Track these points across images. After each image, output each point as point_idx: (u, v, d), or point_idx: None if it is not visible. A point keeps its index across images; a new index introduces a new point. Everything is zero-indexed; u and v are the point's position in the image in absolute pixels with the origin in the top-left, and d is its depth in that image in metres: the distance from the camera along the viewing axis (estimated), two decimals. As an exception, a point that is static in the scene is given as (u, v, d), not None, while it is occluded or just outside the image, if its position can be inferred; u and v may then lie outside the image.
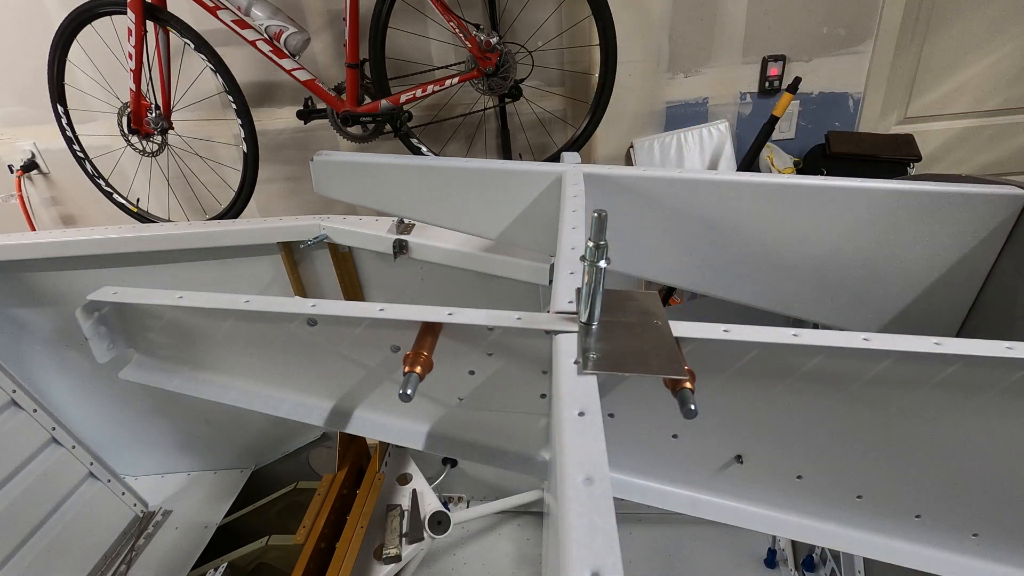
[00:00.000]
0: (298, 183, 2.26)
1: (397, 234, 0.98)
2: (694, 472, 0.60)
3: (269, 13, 1.67)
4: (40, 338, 1.20)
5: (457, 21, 1.67)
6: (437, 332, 0.48)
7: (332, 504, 1.06)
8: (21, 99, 2.16)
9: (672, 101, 2.00)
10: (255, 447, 1.37)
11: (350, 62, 1.73)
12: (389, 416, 0.61)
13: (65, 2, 1.84)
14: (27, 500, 1.03)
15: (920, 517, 0.56)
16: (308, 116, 1.88)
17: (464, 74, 1.75)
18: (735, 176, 0.86)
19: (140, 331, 0.62)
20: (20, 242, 1.05)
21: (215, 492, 1.33)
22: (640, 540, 1.30)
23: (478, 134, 2.08)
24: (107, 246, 1.04)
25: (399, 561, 0.98)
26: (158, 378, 0.64)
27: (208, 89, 2.00)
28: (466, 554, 1.33)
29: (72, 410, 1.27)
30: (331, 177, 0.64)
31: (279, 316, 0.54)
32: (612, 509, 0.20)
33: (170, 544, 1.21)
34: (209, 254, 1.06)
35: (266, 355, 0.59)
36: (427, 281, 1.04)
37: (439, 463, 1.32)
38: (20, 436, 1.05)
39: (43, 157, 2.30)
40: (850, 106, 1.95)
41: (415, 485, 1.10)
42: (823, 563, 1.09)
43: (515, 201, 0.70)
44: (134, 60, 1.70)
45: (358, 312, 0.51)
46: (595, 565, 0.18)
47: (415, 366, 0.44)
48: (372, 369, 0.57)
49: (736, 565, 1.23)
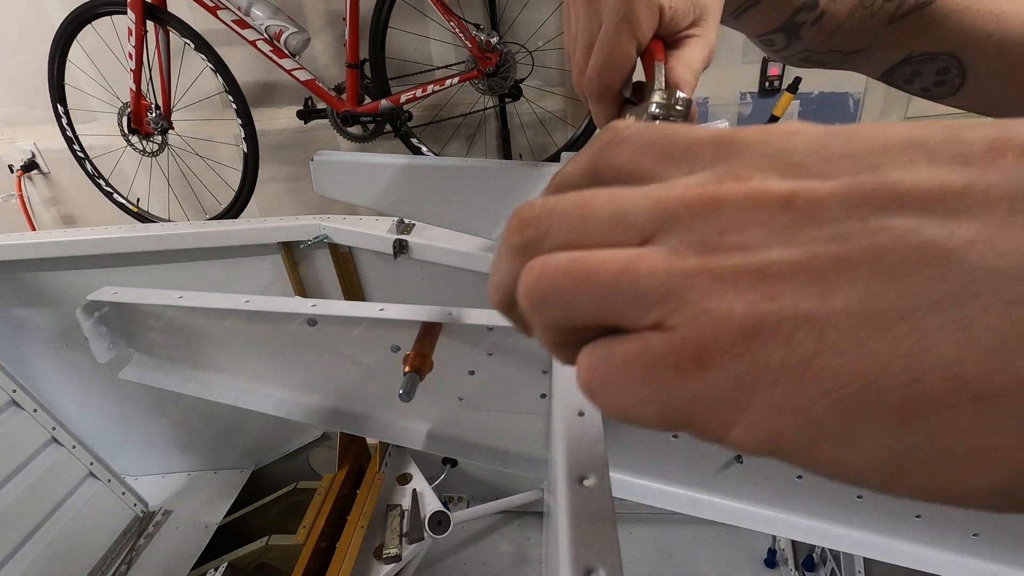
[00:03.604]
0: (298, 183, 2.26)
1: (397, 234, 0.98)
2: (694, 472, 0.60)
3: (269, 13, 1.67)
4: (40, 338, 1.20)
5: (457, 21, 1.67)
6: (437, 332, 0.48)
7: (332, 504, 1.06)
8: (21, 99, 2.16)
9: (672, 101, 2.00)
10: (255, 447, 1.37)
11: (350, 62, 1.73)
12: (389, 416, 0.61)
13: (65, 2, 1.84)
14: (27, 500, 1.03)
15: (920, 517, 0.56)
16: (308, 116, 1.88)
17: (464, 74, 1.75)
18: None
19: (140, 331, 0.62)
20: (20, 242, 1.05)
21: (215, 492, 1.33)
22: (640, 540, 1.30)
23: (478, 134, 2.08)
24: (107, 246, 1.04)
25: (399, 561, 0.98)
26: (158, 378, 0.64)
27: (208, 89, 2.00)
28: (466, 554, 1.33)
29: (72, 410, 1.27)
30: (331, 177, 0.64)
31: (279, 316, 0.54)
32: (613, 509, 0.19)
33: (170, 544, 1.21)
34: (209, 254, 1.06)
35: (266, 355, 0.59)
36: (427, 281, 1.04)
37: (439, 463, 1.32)
38: (20, 436, 1.05)
39: (43, 157, 2.30)
40: (850, 106, 1.95)
41: (415, 485, 1.10)
42: (823, 563, 1.09)
43: (515, 201, 0.70)
44: (134, 60, 1.70)
45: (358, 312, 0.51)
46: (596, 565, 0.18)
47: (415, 366, 0.44)
48: (372, 369, 0.57)
49: (736, 565, 1.23)
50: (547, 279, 0.15)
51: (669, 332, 0.13)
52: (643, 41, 0.33)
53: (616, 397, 0.14)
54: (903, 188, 0.12)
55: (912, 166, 0.13)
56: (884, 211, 0.12)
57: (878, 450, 0.12)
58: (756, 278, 0.13)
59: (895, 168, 0.13)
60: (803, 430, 0.12)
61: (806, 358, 0.12)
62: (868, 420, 0.12)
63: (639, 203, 0.15)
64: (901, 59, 0.42)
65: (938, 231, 0.12)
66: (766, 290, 0.13)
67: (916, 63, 0.41)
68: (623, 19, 0.32)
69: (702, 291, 0.13)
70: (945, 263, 0.11)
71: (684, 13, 0.33)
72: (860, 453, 0.12)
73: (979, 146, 0.12)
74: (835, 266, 0.12)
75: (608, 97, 0.35)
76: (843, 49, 0.42)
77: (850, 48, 0.42)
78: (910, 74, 0.42)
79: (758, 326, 0.12)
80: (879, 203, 0.12)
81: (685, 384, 0.13)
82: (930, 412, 0.11)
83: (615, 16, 0.32)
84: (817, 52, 0.42)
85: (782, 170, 0.14)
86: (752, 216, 0.13)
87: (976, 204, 0.12)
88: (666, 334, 0.13)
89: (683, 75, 0.33)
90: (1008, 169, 0.12)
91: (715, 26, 0.35)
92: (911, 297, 0.11)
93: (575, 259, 0.15)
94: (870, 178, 0.13)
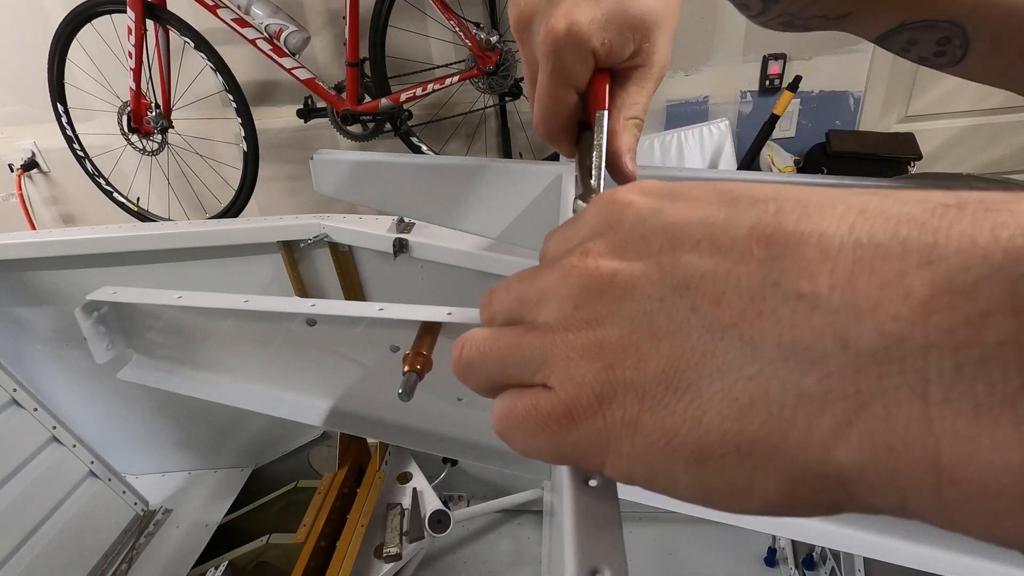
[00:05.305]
0: (298, 182, 2.26)
1: (397, 233, 0.98)
2: (694, 471, 0.60)
3: (269, 12, 1.67)
4: (40, 337, 1.20)
5: (457, 20, 1.67)
6: (437, 332, 0.48)
7: (332, 503, 1.06)
8: (21, 98, 2.16)
9: (672, 100, 2.00)
10: (255, 446, 1.37)
11: (350, 61, 1.73)
12: (388, 416, 0.61)
13: (65, 1, 1.83)
14: (28, 499, 1.03)
15: (921, 516, 0.56)
16: (308, 115, 1.88)
17: (464, 73, 1.75)
18: (736, 175, 0.86)
19: (139, 331, 0.62)
20: (20, 241, 1.05)
21: (215, 491, 1.33)
22: (640, 539, 1.30)
23: (478, 133, 2.08)
24: (107, 245, 1.04)
25: (399, 559, 0.98)
26: (157, 378, 0.64)
27: (208, 88, 2.00)
28: (466, 553, 1.33)
29: (73, 409, 1.27)
30: (331, 176, 0.64)
31: (278, 316, 0.54)
32: (618, 509, 0.20)
33: (171, 543, 1.21)
34: (209, 253, 1.06)
35: (266, 355, 0.59)
36: (427, 280, 1.04)
37: (439, 462, 1.32)
38: (21, 435, 1.05)
39: (43, 156, 2.30)
40: (851, 104, 1.95)
41: (415, 484, 1.10)
42: (823, 562, 1.09)
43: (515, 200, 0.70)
44: (134, 59, 1.70)
45: (357, 312, 0.51)
46: (601, 566, 0.18)
47: (414, 366, 0.44)
48: (371, 369, 0.57)
49: (736, 563, 1.23)
50: (465, 356, 0.20)
51: (551, 391, 0.17)
52: (580, 87, 0.33)
53: (520, 442, 0.18)
54: (688, 273, 0.16)
55: (696, 250, 0.16)
56: (675, 292, 0.16)
57: (689, 484, 0.15)
58: (597, 349, 0.16)
59: (685, 251, 0.16)
60: (643, 470, 0.16)
61: (634, 417, 0.16)
62: (678, 464, 0.15)
63: (530, 286, 0.19)
64: (894, 26, 0.38)
65: (707, 316, 0.15)
66: (605, 360, 0.16)
67: (912, 30, 0.38)
68: (553, 71, 0.32)
69: (564, 360, 0.17)
70: (713, 343, 0.15)
71: (621, 45, 0.32)
72: (680, 486, 0.16)
73: (742, 233, 0.15)
74: (646, 339, 0.16)
75: (559, 140, 0.35)
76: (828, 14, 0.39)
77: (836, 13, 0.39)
78: (906, 42, 0.39)
79: (603, 391, 0.16)
80: (672, 285, 0.16)
81: (565, 436, 0.17)
82: (711, 459, 0.15)
83: (546, 69, 0.32)
84: (799, 17, 0.40)
85: (613, 246, 0.18)
86: (589, 292, 0.17)
87: (730, 294, 0.15)
88: (549, 393, 0.17)
89: (622, 135, 0.33)
90: (754, 259, 0.15)
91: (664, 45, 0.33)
92: (695, 368, 0.15)
93: (486, 338, 0.19)
94: (667, 260, 0.16)
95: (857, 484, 0.13)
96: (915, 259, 0.12)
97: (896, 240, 0.13)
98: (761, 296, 0.14)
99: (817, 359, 0.13)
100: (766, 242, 0.15)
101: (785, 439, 0.14)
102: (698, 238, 0.16)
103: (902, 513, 0.13)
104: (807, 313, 0.13)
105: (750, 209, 0.16)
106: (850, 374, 0.13)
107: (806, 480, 0.14)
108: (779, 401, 0.14)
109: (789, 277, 0.14)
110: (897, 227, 0.13)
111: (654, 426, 0.15)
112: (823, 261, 0.14)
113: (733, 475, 0.15)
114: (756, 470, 0.14)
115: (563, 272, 0.18)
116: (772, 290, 0.14)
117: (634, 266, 0.17)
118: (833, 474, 0.13)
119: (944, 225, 0.13)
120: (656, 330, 0.15)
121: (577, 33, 0.30)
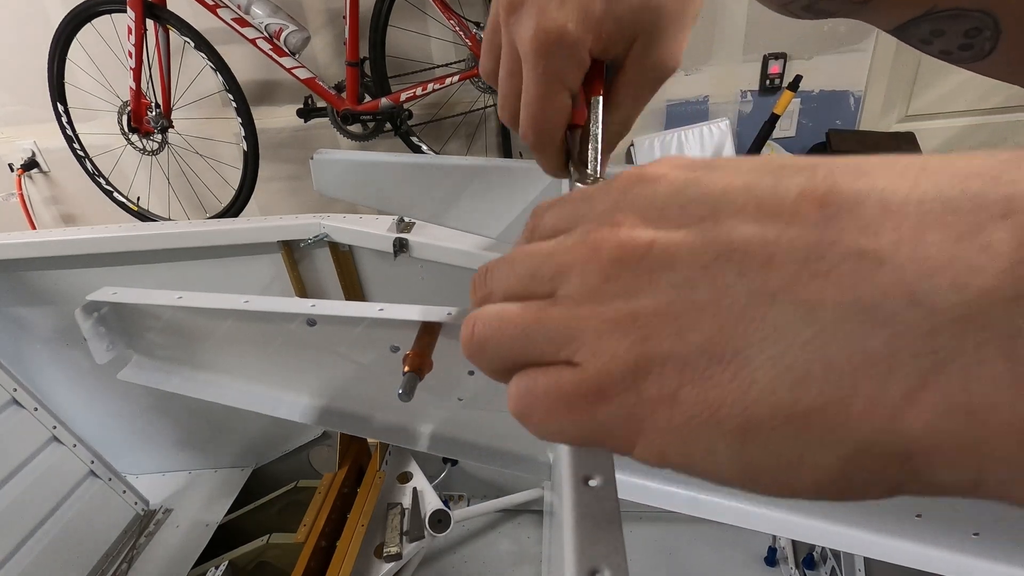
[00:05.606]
0: (298, 181, 2.26)
1: (397, 232, 0.98)
2: (695, 471, 0.60)
3: (269, 11, 1.67)
4: (41, 337, 1.20)
5: (457, 19, 1.67)
6: (437, 332, 0.48)
7: (333, 503, 1.06)
8: (21, 98, 2.16)
9: (672, 99, 1.99)
10: (256, 446, 1.37)
11: (350, 60, 1.73)
12: (388, 416, 0.61)
13: (65, 1, 1.83)
14: (28, 498, 1.03)
15: (920, 516, 0.56)
16: (308, 114, 1.88)
17: (465, 72, 1.75)
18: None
19: (139, 331, 0.62)
20: (20, 241, 1.05)
21: (216, 490, 1.33)
22: (640, 539, 1.30)
23: (478, 132, 2.08)
24: (107, 245, 1.04)
25: (400, 559, 0.98)
26: (157, 379, 0.64)
27: (208, 87, 2.00)
28: (466, 552, 1.33)
29: (73, 408, 1.27)
30: (331, 175, 0.63)
31: (278, 316, 0.54)
32: (618, 509, 0.19)
33: (171, 542, 1.21)
34: (209, 253, 1.06)
35: (266, 355, 0.59)
36: (428, 280, 1.04)
37: (440, 462, 1.32)
38: (21, 434, 1.05)
39: (43, 156, 2.30)
40: (851, 104, 1.95)
41: (416, 484, 1.10)
42: (823, 561, 1.09)
43: (516, 199, 0.70)
44: (134, 58, 1.70)
45: (357, 312, 0.51)
46: (601, 567, 0.18)
47: (414, 366, 0.44)
48: (371, 369, 0.57)
49: (736, 563, 1.23)
50: (478, 334, 0.18)
51: (577, 367, 0.16)
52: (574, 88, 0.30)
53: (541, 423, 0.17)
54: (732, 239, 0.15)
55: (741, 215, 0.15)
56: (719, 259, 0.15)
57: (732, 462, 0.14)
58: (632, 321, 0.15)
59: (728, 217, 0.15)
60: (680, 449, 0.15)
61: (673, 390, 0.15)
62: (721, 440, 0.14)
63: (546, 260, 0.18)
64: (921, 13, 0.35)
65: (756, 280, 0.14)
66: (640, 332, 0.15)
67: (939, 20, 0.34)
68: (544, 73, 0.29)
69: (595, 333, 0.16)
70: (763, 307, 0.14)
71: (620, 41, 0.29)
72: (722, 465, 0.14)
73: (791, 197, 0.14)
74: (688, 309, 0.15)
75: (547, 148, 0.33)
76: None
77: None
78: (929, 33, 0.35)
79: (638, 364, 0.15)
80: (716, 252, 0.15)
81: (593, 414, 0.16)
82: (759, 433, 0.13)
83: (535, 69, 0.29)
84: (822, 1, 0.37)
85: (646, 217, 0.16)
86: (624, 264, 0.16)
87: (781, 256, 0.14)
88: (575, 369, 0.16)
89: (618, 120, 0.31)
90: (808, 221, 0.14)
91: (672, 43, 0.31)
92: (741, 336, 0.14)
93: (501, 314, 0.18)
94: (709, 227, 0.15)
95: (927, 457, 0.12)
96: (992, 211, 0.12)
97: (966, 194, 0.12)
98: (817, 256, 0.13)
99: (884, 319, 0.12)
100: (820, 202, 0.14)
101: (846, 408, 0.12)
102: (742, 203, 0.15)
103: (975, 491, 0.12)
104: (871, 270, 0.12)
105: (796, 175, 0.15)
106: (923, 334, 0.12)
107: (867, 456, 0.13)
108: (840, 367, 0.12)
109: (848, 235, 0.13)
110: (966, 181, 0.12)
111: (696, 399, 0.14)
112: (886, 217, 0.13)
113: (782, 451, 0.13)
114: (809, 445, 0.13)
115: (591, 245, 0.17)
116: (829, 249, 0.13)
117: (673, 235, 0.15)
118: (899, 447, 0.12)
119: (1020, 176, 0.12)
120: (698, 298, 0.14)
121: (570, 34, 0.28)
